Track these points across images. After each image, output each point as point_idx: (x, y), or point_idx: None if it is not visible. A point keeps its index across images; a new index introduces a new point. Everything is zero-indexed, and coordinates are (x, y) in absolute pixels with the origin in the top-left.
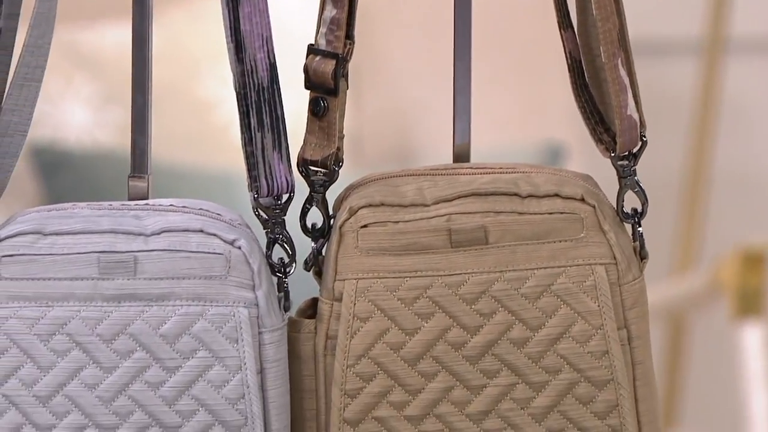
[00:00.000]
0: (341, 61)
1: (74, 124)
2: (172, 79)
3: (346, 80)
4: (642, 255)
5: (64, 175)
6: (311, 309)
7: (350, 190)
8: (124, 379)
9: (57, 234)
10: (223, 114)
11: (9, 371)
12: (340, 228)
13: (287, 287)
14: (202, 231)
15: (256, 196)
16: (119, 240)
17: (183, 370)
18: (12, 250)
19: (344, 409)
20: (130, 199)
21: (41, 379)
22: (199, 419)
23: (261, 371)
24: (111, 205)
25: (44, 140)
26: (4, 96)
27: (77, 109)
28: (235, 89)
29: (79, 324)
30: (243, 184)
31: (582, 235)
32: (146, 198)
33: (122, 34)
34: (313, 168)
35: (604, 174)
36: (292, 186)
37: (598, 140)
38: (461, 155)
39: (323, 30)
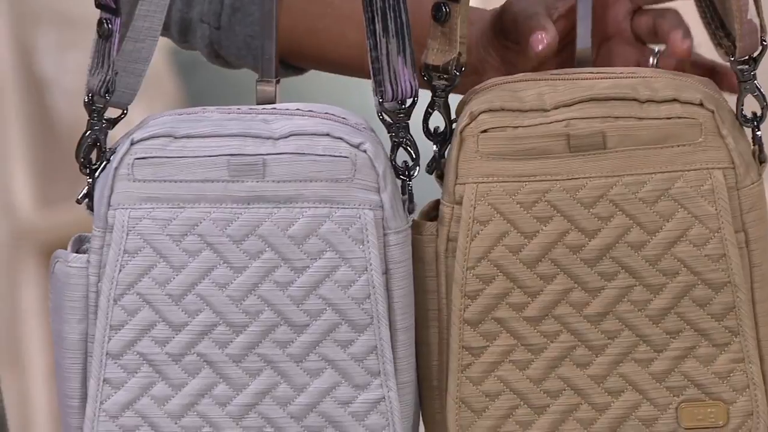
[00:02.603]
0: None
1: None
2: None
3: None
4: (761, 159)
5: (201, 74)
6: (434, 211)
7: (472, 94)
8: (254, 279)
9: (188, 137)
10: None
11: (143, 270)
12: (461, 132)
13: (411, 190)
14: (328, 135)
15: (380, 100)
16: (248, 143)
17: (310, 271)
18: (144, 153)
19: (464, 310)
20: (258, 103)
21: (174, 278)
22: (326, 318)
23: (386, 272)
24: (239, 109)
25: None
26: (138, 3)
27: None
28: None
29: (210, 225)
30: (369, 89)
31: (700, 139)
32: (274, 102)
33: None
34: (435, 73)
35: None
36: (416, 90)
37: (718, 44)
38: (583, 60)
39: None
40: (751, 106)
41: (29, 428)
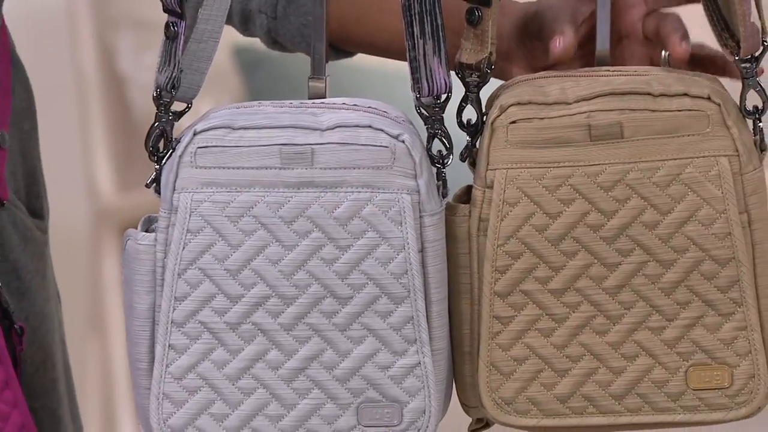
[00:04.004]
0: None
1: None
2: None
3: None
4: (761, 147)
5: (261, 72)
6: (466, 195)
7: (501, 90)
8: (303, 256)
9: (244, 128)
10: None
11: (204, 248)
12: (492, 124)
13: (445, 176)
14: (370, 126)
15: (418, 95)
16: (298, 134)
17: (354, 249)
18: (206, 143)
19: (495, 283)
20: (310, 98)
21: (231, 255)
22: (368, 291)
23: (422, 250)
24: (291, 103)
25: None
26: (201, 7)
27: None
28: (401, 1)
29: (264, 207)
30: (408, 85)
31: (708, 130)
32: (324, 97)
33: None
34: (468, 71)
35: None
36: (450, 87)
37: (724, 45)
38: (601, 60)
39: None
40: (753, 100)
41: (110, 386)
